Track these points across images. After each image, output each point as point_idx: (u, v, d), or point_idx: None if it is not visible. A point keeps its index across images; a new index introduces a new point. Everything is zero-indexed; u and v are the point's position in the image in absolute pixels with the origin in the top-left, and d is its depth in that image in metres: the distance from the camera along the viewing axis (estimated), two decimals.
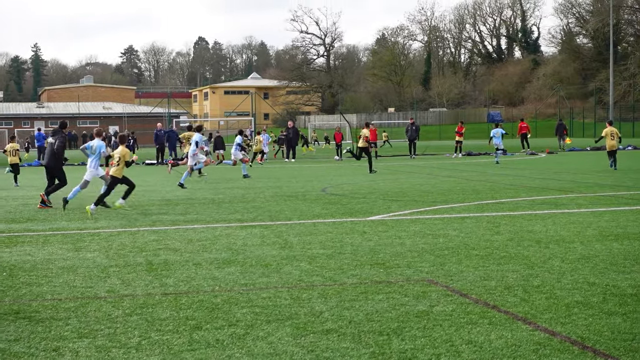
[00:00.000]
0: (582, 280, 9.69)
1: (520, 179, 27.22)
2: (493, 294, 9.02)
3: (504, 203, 19.04)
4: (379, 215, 16.80)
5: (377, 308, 8.46)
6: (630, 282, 9.53)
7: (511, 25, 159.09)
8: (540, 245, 12.36)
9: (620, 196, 20.44)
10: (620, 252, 11.66)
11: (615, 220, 15.23)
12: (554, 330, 7.44)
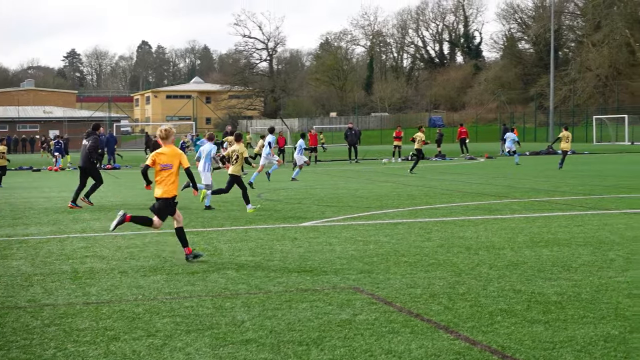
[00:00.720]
0: (508, 287, 9.66)
1: (457, 184, 27.32)
2: (418, 302, 8.95)
3: (438, 208, 19.07)
4: (312, 221, 16.70)
5: (299, 317, 8.34)
6: (556, 289, 9.53)
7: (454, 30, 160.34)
8: (470, 252, 12.35)
9: (554, 202, 20.58)
10: (549, 258, 11.68)
11: (547, 226, 15.30)
12: (474, 340, 7.38)
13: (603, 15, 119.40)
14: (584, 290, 9.41)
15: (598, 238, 13.68)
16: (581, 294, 9.21)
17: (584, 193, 22.96)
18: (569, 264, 11.15)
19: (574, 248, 12.59)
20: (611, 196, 21.81)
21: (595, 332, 7.57)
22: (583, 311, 8.39)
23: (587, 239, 13.61)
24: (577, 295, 9.14)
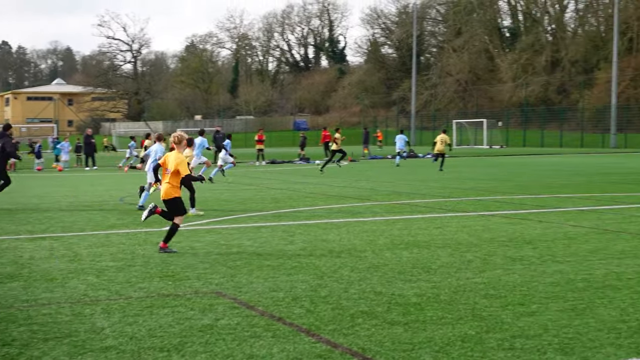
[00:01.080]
0: (369, 289, 9.78)
1: (321, 187, 27.53)
2: (280, 305, 8.97)
3: (302, 212, 19.16)
4: None
5: (160, 323, 8.24)
6: (415, 290, 9.69)
7: (319, 34, 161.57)
8: (332, 255, 12.45)
9: (414, 204, 20.96)
10: (409, 260, 11.87)
11: (407, 229, 15.56)
12: (336, 342, 7.44)
13: (464, 21, 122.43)
14: (442, 292, 9.60)
15: (456, 240, 13.99)
16: (440, 295, 9.39)
17: (444, 196, 23.47)
18: (429, 266, 11.36)
19: (433, 250, 12.85)
20: (469, 199, 22.37)
21: (453, 333, 7.73)
22: (442, 312, 8.56)
23: (446, 240, 13.91)
24: (436, 297, 9.33)
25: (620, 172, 34.63)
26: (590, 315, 8.32)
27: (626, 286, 9.78)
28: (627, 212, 18.41)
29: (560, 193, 23.87)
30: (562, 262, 11.52)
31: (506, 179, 31.39)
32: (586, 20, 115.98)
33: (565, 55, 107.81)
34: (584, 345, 7.24)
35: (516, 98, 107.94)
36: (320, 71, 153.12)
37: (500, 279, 10.37)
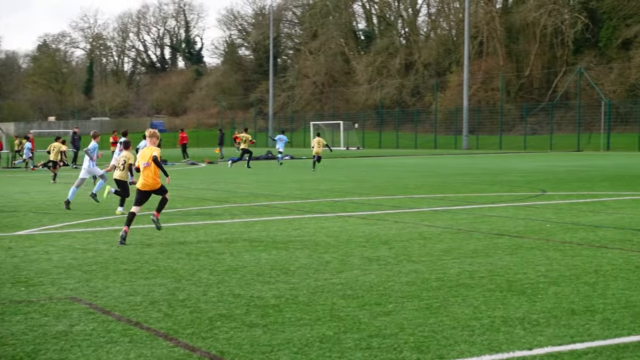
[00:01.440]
0: (227, 292, 9.74)
1: (179, 189, 27.27)
2: (137, 310, 8.84)
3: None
4: (28, 230, 16.09)
5: (12, 330, 8.00)
6: (274, 292, 9.71)
7: (175, 35, 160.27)
8: (191, 258, 12.35)
9: (273, 206, 21.02)
10: (268, 262, 11.89)
11: (266, 230, 15.59)
12: (194, 346, 7.38)
13: (319, 24, 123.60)
14: (301, 293, 9.65)
15: (315, 241, 14.10)
16: (298, 297, 9.44)
17: (302, 197, 23.63)
18: (287, 267, 11.41)
19: (292, 251, 12.91)
20: (327, 200, 22.59)
21: (311, 334, 7.78)
22: (300, 313, 8.61)
23: (304, 242, 13.99)
24: (295, 298, 9.37)
25: (473, 173, 35.60)
26: (445, 314, 8.52)
27: (479, 284, 10.05)
28: (479, 212, 18.93)
29: (415, 194, 24.37)
30: (417, 262, 11.75)
31: (363, 180, 31.85)
32: (438, 24, 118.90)
33: (419, 58, 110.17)
34: (439, 343, 7.40)
35: (372, 100, 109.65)
36: (177, 72, 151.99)
37: (358, 279, 10.50)
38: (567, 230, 15.25)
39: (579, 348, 7.19)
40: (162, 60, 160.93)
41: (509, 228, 15.68)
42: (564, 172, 35.36)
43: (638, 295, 9.32)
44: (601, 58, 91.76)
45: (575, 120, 79.57)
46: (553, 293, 9.49)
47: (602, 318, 8.24)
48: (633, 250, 12.65)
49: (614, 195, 23.04)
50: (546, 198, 22.48)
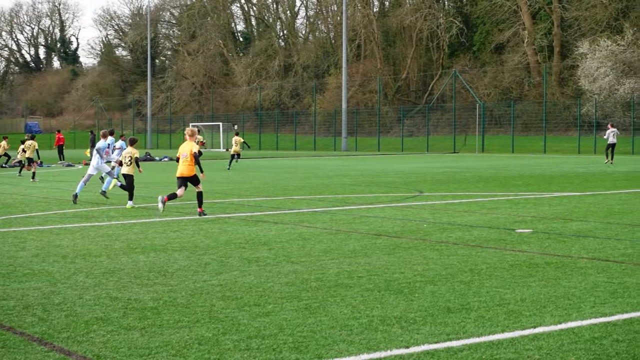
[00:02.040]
0: (104, 295, 9.59)
1: (55, 191, 26.72)
2: (10, 314, 8.61)
3: (34, 217, 18.52)
4: None
5: None
6: (152, 294, 9.60)
7: (50, 34, 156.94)
8: (67, 260, 12.11)
9: (151, 208, 20.78)
10: (146, 264, 11.75)
11: (144, 233, 15.41)
12: (70, 350, 7.24)
13: (198, 25, 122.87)
14: (179, 295, 9.57)
15: (194, 243, 14.00)
16: (177, 299, 9.36)
17: (182, 199, 23.39)
18: (165, 269, 11.29)
19: (170, 253, 12.79)
20: (207, 201, 22.42)
21: (190, 336, 7.72)
22: (179, 315, 8.53)
23: (183, 243, 13.88)
24: (173, 300, 9.28)
25: (351, 175, 35.93)
26: (324, 314, 8.57)
27: (357, 284, 10.14)
28: (357, 212, 19.12)
29: (294, 195, 24.46)
30: (296, 263, 11.79)
31: (242, 181, 31.80)
32: (317, 27, 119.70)
33: (298, 60, 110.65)
34: (317, 343, 7.44)
35: (251, 102, 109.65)
36: (52, 72, 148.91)
37: (237, 280, 10.47)
38: (444, 230, 15.54)
39: (455, 345, 7.33)
40: (36, 60, 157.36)
41: (387, 228, 15.89)
42: (440, 174, 36.03)
43: (511, 293, 9.56)
44: (475, 62, 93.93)
45: (451, 123, 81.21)
46: (430, 292, 9.66)
47: (477, 316, 8.43)
48: (507, 250, 12.98)
49: (488, 196, 23.59)
50: (423, 199, 22.87)
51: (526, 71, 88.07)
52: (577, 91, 78.66)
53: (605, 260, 11.82)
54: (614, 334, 7.64)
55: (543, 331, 7.78)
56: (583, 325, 7.99)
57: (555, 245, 13.41)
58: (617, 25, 77.95)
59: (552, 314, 8.47)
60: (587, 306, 8.81)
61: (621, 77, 73.07)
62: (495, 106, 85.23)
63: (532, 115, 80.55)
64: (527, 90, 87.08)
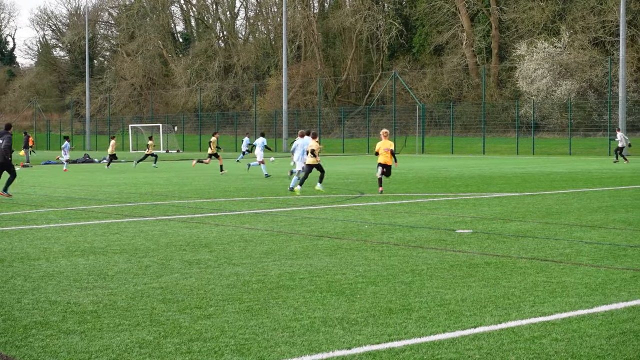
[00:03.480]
0: (43, 299, 9.45)
1: None
2: None
3: None
4: None
5: None
6: (92, 298, 9.50)
7: None
8: (4, 264, 11.92)
9: (90, 210, 20.59)
10: (85, 267, 11.62)
11: (83, 235, 15.24)
12: (7, 355, 7.13)
13: (137, 25, 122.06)
14: (119, 298, 9.48)
15: (134, 245, 13.88)
16: (117, 302, 9.27)
17: (121, 201, 23.23)
18: (105, 272, 11.18)
19: (110, 256, 12.66)
20: (146, 203, 22.30)
21: (130, 339, 7.65)
22: (119, 319, 8.45)
23: (123, 246, 13.75)
24: (113, 303, 9.19)
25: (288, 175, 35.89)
26: (266, 316, 8.55)
27: (299, 286, 10.14)
28: (299, 214, 19.12)
29: (236, 197, 24.39)
30: (238, 265, 11.75)
31: (183, 183, 31.61)
32: (257, 28, 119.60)
33: (238, 61, 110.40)
34: (259, 345, 7.42)
35: (191, 103, 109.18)
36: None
37: (178, 282, 10.41)
38: (385, 231, 15.61)
39: (397, 346, 7.36)
40: None
41: (328, 229, 15.92)
42: None
43: (452, 293, 9.63)
44: (415, 63, 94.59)
45: (391, 124, 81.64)
46: (371, 293, 9.69)
47: (418, 316, 8.48)
48: (447, 250, 13.08)
49: (428, 197, 23.76)
50: (364, 200, 22.96)
51: (465, 73, 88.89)
52: (515, 93, 79.64)
53: (544, 260, 11.97)
54: (553, 333, 7.73)
55: (483, 331, 7.85)
56: (522, 324, 8.08)
57: (495, 245, 13.55)
58: (554, 28, 79.03)
59: (492, 313, 8.56)
60: (526, 306, 8.92)
61: (558, 78, 74.16)
62: (434, 107, 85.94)
63: (471, 116, 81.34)
64: (466, 91, 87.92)
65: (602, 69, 72.47)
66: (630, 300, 9.12)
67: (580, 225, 16.33)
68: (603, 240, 14.06)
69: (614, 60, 69.17)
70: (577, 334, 7.72)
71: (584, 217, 17.66)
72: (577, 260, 11.93)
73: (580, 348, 7.25)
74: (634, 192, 24.59)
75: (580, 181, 30.24)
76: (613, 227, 15.93)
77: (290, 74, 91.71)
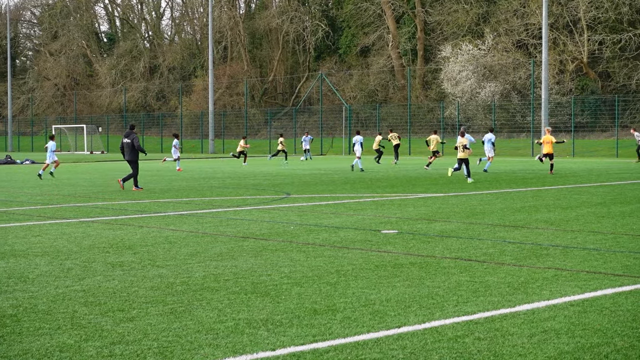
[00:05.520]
0: None
1: None
2: None
3: None
4: None
5: None
6: (11, 302, 9.31)
7: None
8: None
9: (11, 212, 20.24)
10: (5, 270, 11.40)
11: (4, 238, 14.95)
12: None
13: (60, 25, 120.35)
14: (40, 302, 9.31)
15: (56, 247, 13.66)
16: (38, 305, 9.10)
17: (43, 203, 22.86)
18: (26, 275, 10.97)
19: (31, 258, 12.43)
20: (69, 205, 21.98)
21: (51, 343, 7.52)
22: (39, 322, 8.30)
23: (44, 248, 13.52)
24: (34, 307, 9.02)
25: (218, 177, 35.76)
26: (189, 318, 8.47)
27: (223, 287, 10.08)
28: (224, 215, 19.02)
29: (161, 198, 24.18)
30: (162, 267, 11.64)
31: (107, 184, 31.25)
32: (182, 28, 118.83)
33: (163, 62, 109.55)
34: (183, 348, 7.35)
35: (116, 104, 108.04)
36: None
37: (101, 285, 10.26)
38: (310, 232, 15.61)
39: (321, 347, 7.36)
40: None
41: (254, 231, 15.86)
42: (308, 176, 36.24)
43: (377, 293, 9.66)
44: (342, 65, 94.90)
45: (318, 125, 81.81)
46: (296, 294, 9.67)
47: (343, 317, 8.48)
48: (372, 250, 13.12)
49: (355, 198, 23.83)
50: (290, 201, 22.94)
51: (391, 74, 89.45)
52: (440, 94, 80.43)
53: (467, 259, 12.09)
54: (476, 332, 7.80)
55: (407, 331, 7.89)
56: (446, 324, 8.14)
57: (420, 245, 13.64)
58: (478, 30, 80.00)
59: (416, 313, 8.60)
60: (450, 305, 8.98)
61: (482, 80, 75.10)
62: (361, 109, 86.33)
63: (397, 117, 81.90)
64: (392, 93, 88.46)
65: (526, 71, 73.54)
66: (551, 299, 9.25)
67: (503, 225, 16.54)
68: (526, 240, 14.25)
69: (536, 62, 70.32)
70: (499, 332, 7.80)
71: (507, 217, 17.90)
72: (500, 259, 12.07)
73: (502, 347, 7.33)
74: (556, 192, 25.00)
75: (504, 181, 30.66)
76: (536, 226, 16.17)
77: (216, 74, 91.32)
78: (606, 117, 68.29)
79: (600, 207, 20.16)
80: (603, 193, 24.57)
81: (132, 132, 28.33)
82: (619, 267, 11.32)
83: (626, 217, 17.79)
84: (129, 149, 27.88)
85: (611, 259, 12.03)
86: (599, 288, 9.87)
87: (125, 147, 28.04)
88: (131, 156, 27.83)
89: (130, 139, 27.96)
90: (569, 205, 20.76)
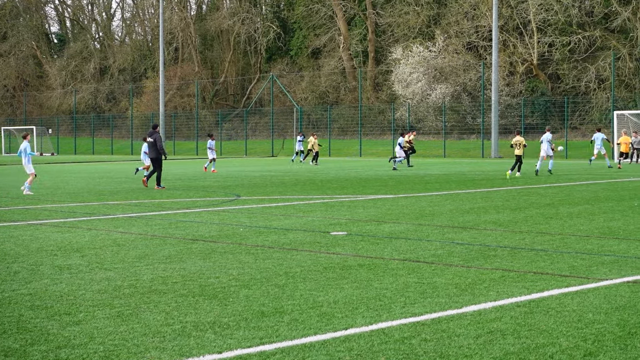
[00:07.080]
0: None
1: None
2: None
3: None
4: None
5: None
6: None
7: None
8: None
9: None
10: None
11: None
12: None
13: (9, 26, 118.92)
14: None
15: (3, 250, 13.53)
16: None
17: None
18: None
19: None
20: (18, 207, 21.77)
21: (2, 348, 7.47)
22: None
23: None
24: None
25: (169, 179, 35.54)
26: (136, 321, 8.44)
27: (171, 290, 10.05)
28: (173, 217, 18.96)
29: (110, 200, 24.02)
30: (110, 269, 11.57)
31: (56, 187, 30.96)
32: (133, 29, 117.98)
33: (114, 63, 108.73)
34: (129, 351, 7.33)
35: (66, 105, 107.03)
36: None
37: (47, 288, 10.18)
38: (260, 234, 15.61)
39: (268, 349, 7.37)
40: None
41: (203, 233, 15.83)
42: (258, 177, 36.20)
43: (325, 295, 9.69)
44: (293, 66, 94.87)
45: (269, 127, 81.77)
46: (244, 296, 9.68)
47: (290, 319, 8.50)
48: (321, 252, 13.16)
49: (304, 199, 23.86)
50: (240, 202, 22.92)
51: (342, 76, 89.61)
52: (391, 96, 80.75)
53: (416, 261, 12.17)
54: (423, 334, 7.86)
55: (354, 332, 7.93)
56: (393, 325, 8.19)
57: (368, 247, 13.70)
58: (429, 32, 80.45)
59: (364, 315, 8.65)
60: (397, 306, 9.04)
61: (433, 82, 75.57)
62: (312, 110, 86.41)
63: (348, 119, 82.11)
64: (344, 94, 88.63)
65: (476, 73, 74.13)
66: (498, 300, 9.35)
67: (452, 226, 16.67)
68: (474, 241, 14.38)
69: (487, 64, 70.91)
70: (445, 334, 7.87)
71: (456, 219, 18.04)
72: (448, 261, 12.17)
73: (449, 348, 7.40)
74: (505, 193, 25.24)
75: (454, 183, 30.88)
76: (484, 227, 16.32)
77: (167, 76, 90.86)
78: (556, 118, 68.99)
79: (548, 208, 20.40)
80: (552, 194, 24.86)
81: (155, 131, 29.30)
82: (566, 268, 11.47)
83: (574, 218, 18.02)
84: (153, 148, 28.83)
85: (558, 260, 12.19)
86: (545, 289, 9.99)
87: (150, 146, 29.07)
88: (155, 154, 28.75)
89: (153, 138, 28.89)
90: (518, 206, 20.98)
